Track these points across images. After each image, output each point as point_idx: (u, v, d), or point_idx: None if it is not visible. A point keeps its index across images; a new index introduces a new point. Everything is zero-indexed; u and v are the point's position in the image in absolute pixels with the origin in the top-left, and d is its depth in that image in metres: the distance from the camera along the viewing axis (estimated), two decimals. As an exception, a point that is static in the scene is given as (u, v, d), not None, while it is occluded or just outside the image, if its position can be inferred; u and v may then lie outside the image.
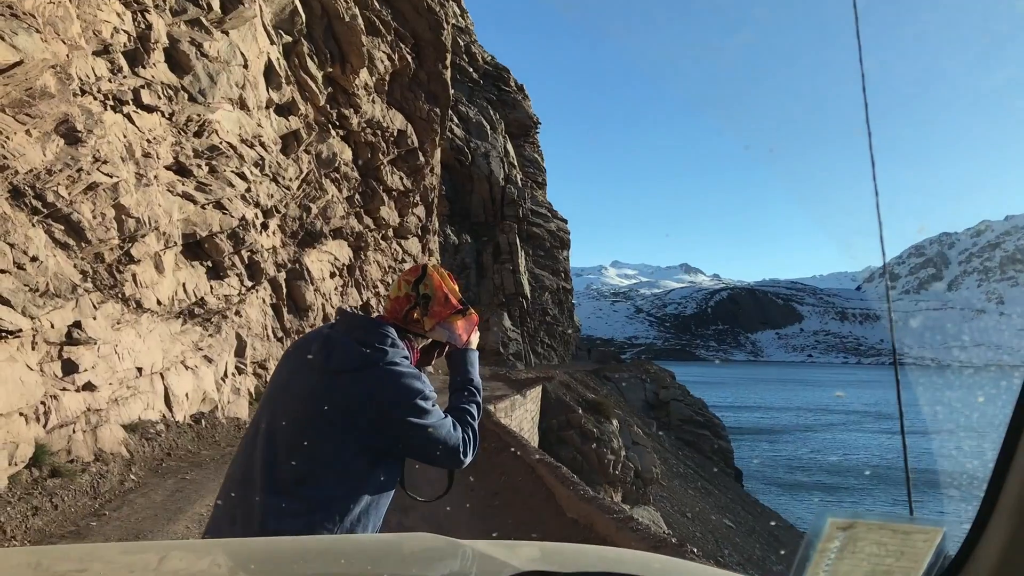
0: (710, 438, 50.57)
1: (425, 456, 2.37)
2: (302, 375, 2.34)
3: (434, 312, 2.50)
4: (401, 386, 2.29)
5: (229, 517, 2.26)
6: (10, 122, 8.04)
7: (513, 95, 65.04)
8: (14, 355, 8.10)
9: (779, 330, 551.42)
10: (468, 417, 2.54)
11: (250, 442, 2.35)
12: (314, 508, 2.18)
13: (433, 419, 2.32)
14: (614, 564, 1.58)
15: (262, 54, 15.52)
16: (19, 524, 7.29)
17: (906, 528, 0.99)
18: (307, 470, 2.21)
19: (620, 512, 7.90)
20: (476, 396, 2.65)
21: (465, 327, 2.62)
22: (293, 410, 2.28)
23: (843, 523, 0.99)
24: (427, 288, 2.50)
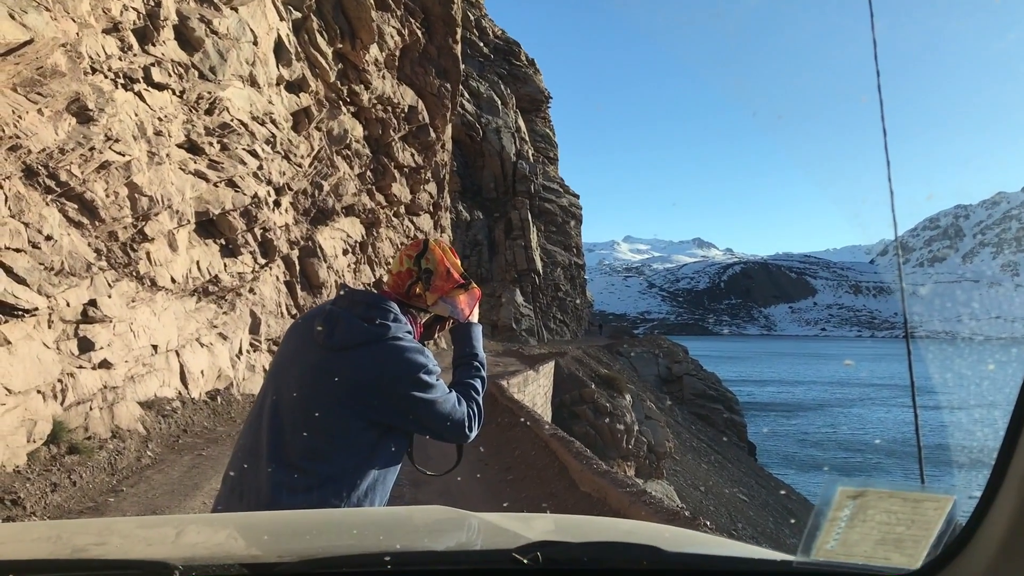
0: (723, 412, 50.58)
1: (430, 430, 2.38)
2: (306, 351, 2.35)
3: (436, 286, 2.50)
4: (404, 360, 2.30)
5: (237, 492, 2.28)
6: (22, 101, 8.05)
7: (524, 69, 64.62)
8: (31, 333, 8.17)
9: (792, 304, 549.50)
10: (472, 391, 2.54)
11: (256, 418, 2.36)
12: (321, 483, 2.20)
13: (437, 393, 2.33)
14: (626, 535, 1.59)
15: (272, 30, 15.46)
16: (38, 500, 7.38)
17: (916, 496, 0.98)
18: (313, 445, 2.23)
19: (633, 486, 7.92)
20: (480, 371, 2.64)
21: (467, 301, 2.61)
22: (298, 386, 2.29)
23: (853, 492, 0.98)
24: (429, 262, 2.50)
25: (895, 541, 1.00)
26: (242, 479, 2.29)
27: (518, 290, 50.22)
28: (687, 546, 1.53)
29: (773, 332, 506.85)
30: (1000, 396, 9.29)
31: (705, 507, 31.01)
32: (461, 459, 2.65)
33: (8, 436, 7.65)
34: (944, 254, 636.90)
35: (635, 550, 1.19)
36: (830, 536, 1.01)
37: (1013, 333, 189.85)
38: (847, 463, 54.20)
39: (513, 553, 1.13)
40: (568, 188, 65.83)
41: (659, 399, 44.90)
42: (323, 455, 2.22)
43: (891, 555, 1.01)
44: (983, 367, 8.00)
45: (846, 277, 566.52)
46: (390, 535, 1.59)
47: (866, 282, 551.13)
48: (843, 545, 1.01)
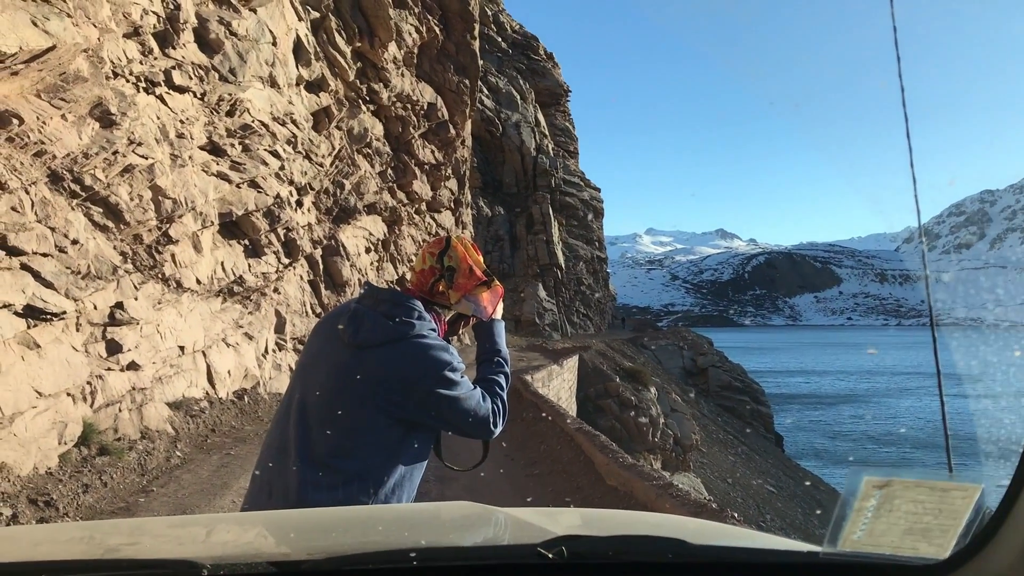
0: (749, 403, 50.33)
1: (455, 427, 2.38)
2: (331, 350, 2.36)
3: (459, 284, 2.50)
4: (429, 358, 2.30)
5: (266, 490, 2.30)
6: (46, 107, 8.14)
7: (543, 63, 64.52)
8: (59, 337, 8.26)
9: (817, 293, 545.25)
10: (496, 387, 2.54)
11: (283, 416, 2.38)
12: (349, 480, 2.21)
13: (462, 390, 2.33)
14: (652, 528, 1.59)
15: (290, 31, 15.53)
16: (71, 501, 7.46)
17: (944, 485, 0.97)
18: (340, 443, 2.24)
19: (660, 479, 7.89)
20: (504, 367, 2.64)
21: (490, 299, 2.61)
22: (324, 384, 2.31)
23: (879, 482, 0.97)
24: (452, 260, 2.50)
25: (923, 531, 0.99)
26: (270, 477, 2.30)
27: (540, 285, 50.20)
28: (712, 538, 1.52)
29: (798, 322, 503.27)
30: (1026, 382, 9.15)
31: (733, 499, 30.89)
32: (487, 455, 2.66)
33: (40, 438, 7.75)
34: (970, 240, 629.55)
35: (660, 543, 1.19)
36: (857, 526, 1.00)
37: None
38: (875, 455, 53.58)
39: (538, 548, 1.13)
40: (589, 181, 65.70)
41: (684, 391, 44.75)
42: (349, 452, 2.24)
43: (919, 545, 1.00)
44: (1009, 354, 7.87)
45: (871, 265, 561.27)
46: (416, 531, 1.60)
47: (892, 270, 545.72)
48: (870, 535, 1.00)
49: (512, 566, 1.18)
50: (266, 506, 2.27)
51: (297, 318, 16.33)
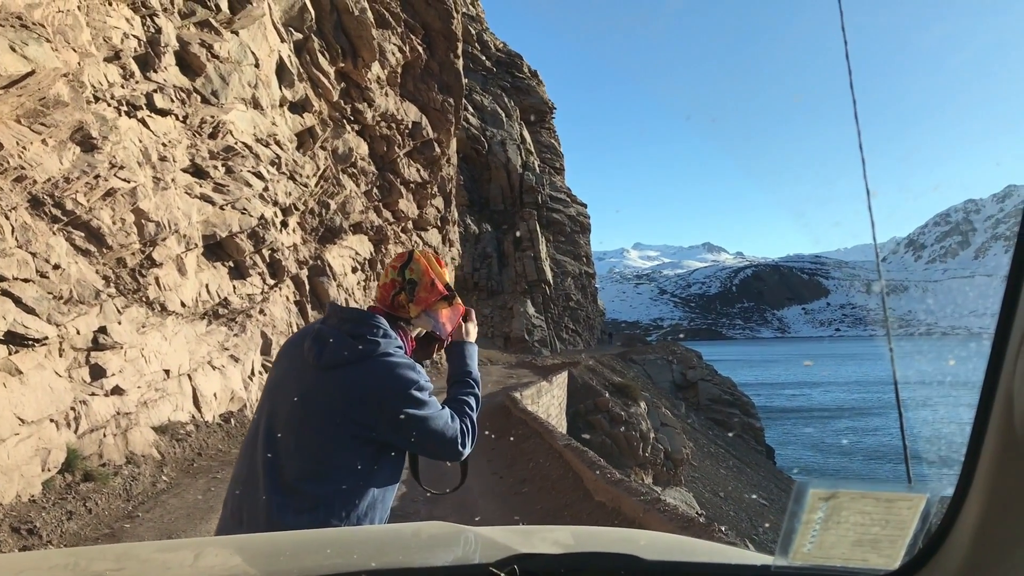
0: (740, 416, 50.40)
1: (423, 448, 2.35)
2: (297, 372, 2.33)
3: (420, 298, 2.46)
4: (396, 377, 2.27)
5: (237, 516, 2.27)
6: (26, 132, 8.11)
7: (527, 81, 64.84)
8: (42, 363, 8.21)
9: (805, 305, 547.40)
10: (466, 408, 2.50)
11: (251, 442, 2.35)
12: (318, 504, 2.19)
13: (430, 410, 2.30)
14: (616, 544, 1.59)
15: (273, 52, 15.55)
16: (54, 529, 7.40)
17: (889, 496, 0.98)
18: (309, 467, 2.21)
19: (647, 494, 7.89)
20: (474, 388, 2.60)
21: (450, 316, 2.57)
22: (290, 408, 2.28)
23: (824, 494, 0.98)
24: (413, 273, 2.47)
25: (872, 542, 0.99)
26: (240, 504, 2.27)
27: (529, 301, 50.23)
28: (669, 553, 1.52)
29: (787, 334, 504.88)
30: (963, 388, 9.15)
31: (725, 512, 30.87)
32: (466, 478, 2.65)
33: (23, 466, 7.68)
34: (956, 250, 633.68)
35: (613, 559, 1.19)
36: (806, 539, 1.00)
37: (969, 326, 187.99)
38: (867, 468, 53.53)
39: (491, 567, 1.13)
40: (576, 198, 65.93)
41: (674, 405, 44.79)
42: (319, 476, 2.21)
43: (869, 556, 1.00)
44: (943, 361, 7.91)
45: (858, 276, 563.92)
46: (373, 552, 1.59)
47: (878, 280, 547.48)
48: (820, 547, 1.01)
49: None
50: (237, 532, 2.23)
51: (283, 339, 16.26)
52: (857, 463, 56.40)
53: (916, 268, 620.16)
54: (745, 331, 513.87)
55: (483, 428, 14.28)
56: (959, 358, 1.65)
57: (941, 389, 14.21)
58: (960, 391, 6.31)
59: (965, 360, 1.47)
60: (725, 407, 50.65)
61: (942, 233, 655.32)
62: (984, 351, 0.89)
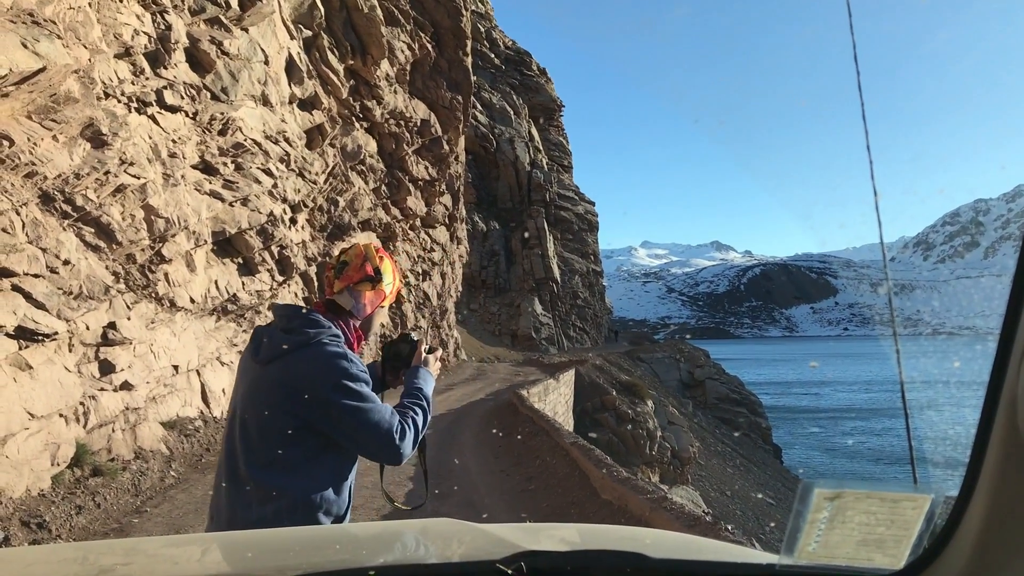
0: (747, 415, 50.32)
1: (357, 441, 2.36)
2: (247, 370, 2.44)
3: (346, 276, 2.53)
4: (325, 365, 2.31)
5: (214, 512, 2.40)
6: (37, 128, 8.15)
7: (536, 79, 64.79)
8: (52, 358, 8.25)
9: (814, 304, 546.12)
10: (410, 412, 2.51)
11: (224, 443, 2.45)
12: (272, 498, 2.24)
13: (363, 402, 2.31)
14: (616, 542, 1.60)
15: (282, 49, 15.58)
16: (64, 523, 7.44)
17: (894, 496, 0.98)
18: (259, 458, 2.28)
19: (654, 492, 7.89)
20: (422, 401, 2.62)
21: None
22: (242, 405, 2.37)
23: (830, 494, 0.98)
24: (347, 255, 2.57)
25: (877, 542, 1.00)
26: (215, 502, 2.40)
27: (536, 299, 50.22)
28: (674, 551, 1.53)
29: (795, 333, 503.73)
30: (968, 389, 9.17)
31: (732, 511, 30.83)
32: (427, 489, 2.79)
33: (32, 460, 7.73)
34: (965, 250, 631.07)
35: (619, 558, 1.20)
36: (811, 538, 1.01)
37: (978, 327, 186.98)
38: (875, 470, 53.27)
39: (497, 564, 1.14)
40: (584, 195, 65.84)
41: (681, 404, 44.73)
42: (270, 468, 2.27)
43: (874, 555, 1.01)
44: (948, 362, 7.86)
45: (867, 275, 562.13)
46: (380, 549, 1.61)
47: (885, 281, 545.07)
48: (825, 547, 1.01)
49: None
50: (211, 530, 2.37)
51: (292, 336, 16.29)
52: (864, 464, 56.03)
53: (924, 268, 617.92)
54: (753, 330, 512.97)
55: (489, 426, 14.28)
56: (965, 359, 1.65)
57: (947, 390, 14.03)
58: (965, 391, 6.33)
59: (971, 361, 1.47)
60: (732, 406, 50.57)
61: (951, 233, 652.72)
62: (989, 352, 0.89)
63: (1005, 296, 0.88)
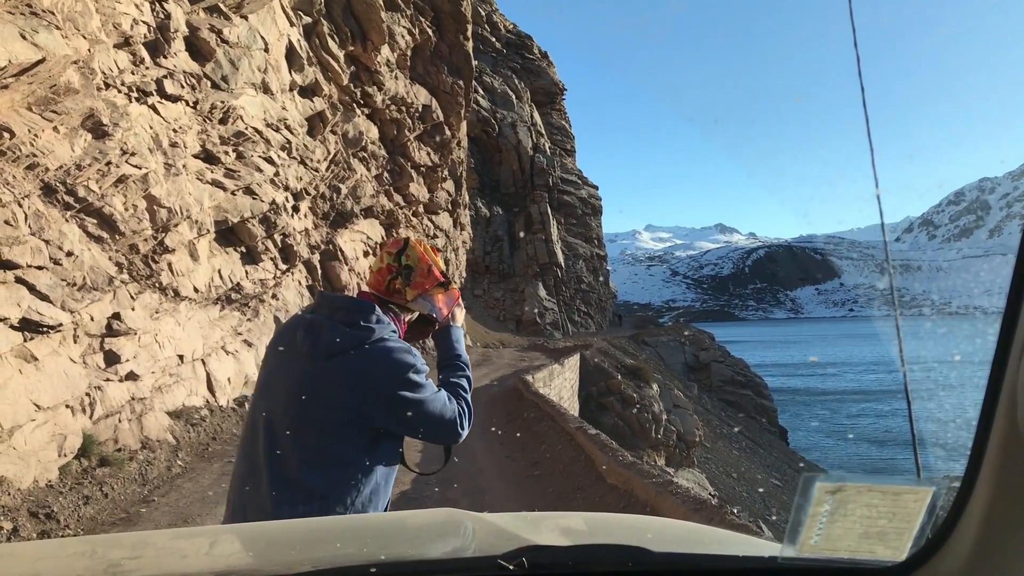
0: (753, 398, 50.37)
1: (422, 431, 2.35)
2: (290, 364, 2.31)
3: (416, 283, 2.47)
4: (392, 361, 2.27)
5: (240, 512, 2.27)
6: (37, 120, 8.14)
7: (537, 62, 64.55)
8: (57, 349, 8.27)
9: (818, 286, 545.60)
10: (460, 390, 2.51)
11: (251, 435, 2.34)
12: (323, 494, 2.19)
13: (427, 393, 2.30)
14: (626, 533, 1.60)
15: (282, 37, 15.53)
16: (71, 513, 7.47)
17: (895, 489, 0.98)
18: (309, 457, 2.21)
19: (660, 476, 7.90)
20: (466, 370, 2.62)
21: (446, 301, 2.59)
22: (287, 400, 2.26)
23: (831, 487, 0.98)
24: (409, 259, 2.47)
25: (879, 534, 0.99)
26: (244, 499, 2.27)
27: (540, 284, 50.22)
28: (676, 544, 1.53)
29: (800, 315, 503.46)
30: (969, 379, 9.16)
31: (738, 494, 30.93)
32: (449, 458, 2.67)
33: (39, 451, 7.76)
34: (971, 229, 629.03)
35: (621, 552, 1.20)
36: (813, 531, 1.01)
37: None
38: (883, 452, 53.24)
39: (499, 559, 1.14)
40: (587, 180, 65.75)
41: (687, 387, 44.77)
42: (320, 466, 2.21)
43: (876, 548, 1.00)
44: (948, 348, 7.76)
45: (872, 256, 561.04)
46: (382, 543, 1.60)
47: (892, 260, 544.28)
48: (827, 539, 1.01)
49: None
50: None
51: (296, 324, 16.31)
52: (870, 448, 55.89)
53: (929, 248, 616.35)
54: (758, 312, 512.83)
55: (495, 412, 14.30)
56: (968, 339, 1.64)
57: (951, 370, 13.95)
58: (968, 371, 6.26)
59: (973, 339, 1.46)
60: (738, 388, 50.63)
61: (956, 212, 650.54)
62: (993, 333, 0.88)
63: (1009, 277, 0.86)
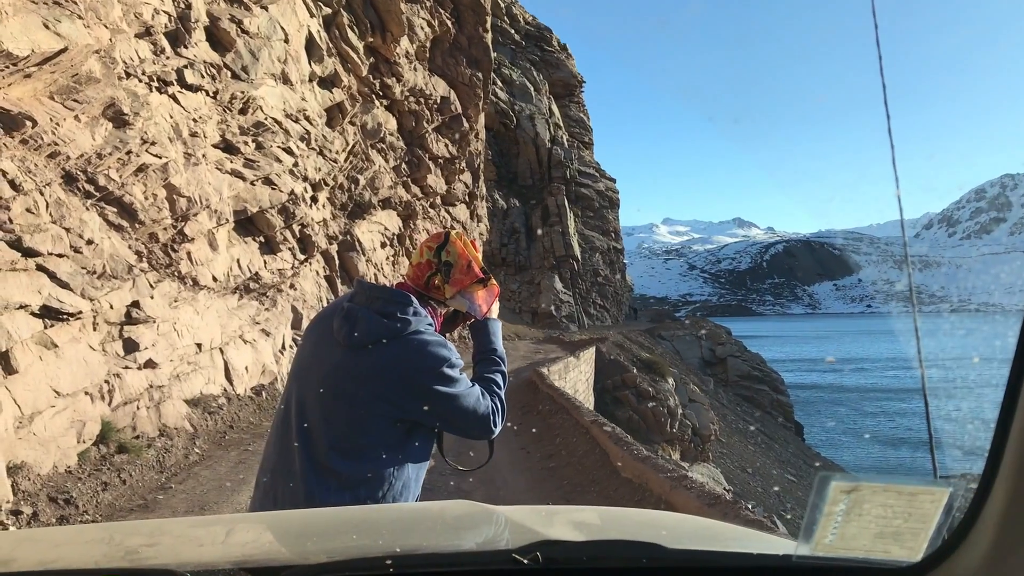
0: (769, 393, 50.16)
1: (454, 425, 2.35)
2: (327, 351, 2.32)
3: (455, 280, 2.45)
4: (427, 355, 2.26)
5: (271, 497, 2.27)
6: (59, 108, 8.20)
7: (556, 55, 64.34)
8: (76, 336, 8.34)
9: (837, 281, 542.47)
10: (494, 386, 2.49)
11: (283, 421, 2.34)
12: (355, 484, 2.19)
13: (461, 387, 2.30)
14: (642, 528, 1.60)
15: (302, 27, 15.56)
16: (90, 499, 7.55)
17: (911, 490, 0.97)
18: (343, 446, 2.21)
19: (674, 471, 7.89)
20: (501, 365, 2.60)
21: (485, 297, 2.56)
22: (322, 387, 2.27)
23: (847, 487, 0.97)
24: (449, 255, 2.45)
25: (894, 534, 0.99)
26: (275, 484, 2.27)
27: (557, 276, 50.13)
28: (690, 540, 1.52)
29: (818, 311, 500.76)
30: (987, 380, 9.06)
31: (753, 488, 30.84)
32: (493, 454, 2.64)
33: (59, 437, 7.83)
34: (991, 226, 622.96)
35: (636, 548, 1.20)
36: (828, 530, 1.00)
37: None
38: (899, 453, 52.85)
39: (513, 554, 1.14)
40: (604, 172, 65.52)
41: (703, 382, 44.66)
42: (352, 455, 2.21)
43: (891, 548, 1.00)
44: (968, 346, 7.65)
45: (891, 252, 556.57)
46: (399, 534, 1.61)
47: (911, 256, 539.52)
48: (842, 539, 1.00)
49: (486, 572, 1.19)
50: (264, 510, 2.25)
51: (314, 314, 16.32)
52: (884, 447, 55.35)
53: (949, 245, 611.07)
54: (775, 307, 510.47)
55: (510, 404, 14.35)
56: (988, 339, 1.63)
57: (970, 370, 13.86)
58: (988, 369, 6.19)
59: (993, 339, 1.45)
60: (754, 383, 50.42)
61: (977, 209, 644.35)
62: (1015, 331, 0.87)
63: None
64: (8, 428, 7.04)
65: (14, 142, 7.75)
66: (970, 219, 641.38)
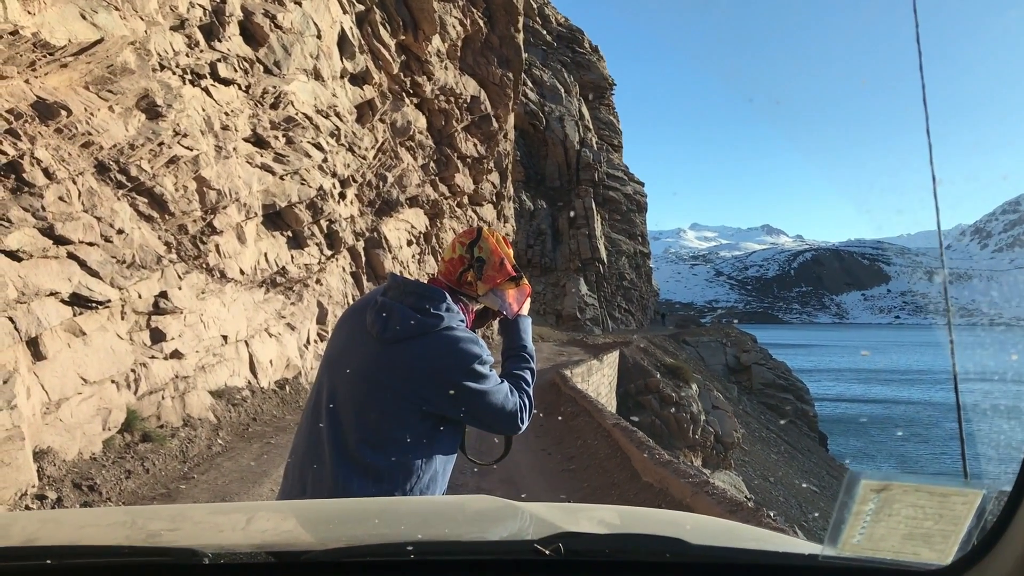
0: (793, 402, 49.73)
1: (482, 421, 2.35)
2: (359, 343, 2.33)
3: (488, 277, 2.44)
4: (459, 351, 2.27)
5: (299, 486, 2.29)
6: (93, 99, 8.29)
7: (587, 57, 64.26)
8: (104, 325, 8.43)
9: (865, 291, 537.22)
10: (523, 383, 2.49)
11: (313, 412, 2.36)
12: (383, 476, 2.20)
13: (491, 384, 2.30)
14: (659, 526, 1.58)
15: (335, 24, 15.64)
16: (113, 486, 7.62)
17: (943, 491, 0.95)
18: (372, 438, 2.22)
19: (696, 476, 7.83)
20: (530, 362, 2.59)
21: (517, 296, 2.55)
22: (353, 380, 2.28)
23: (877, 485, 0.95)
24: (482, 251, 2.44)
25: (924, 536, 0.96)
26: (304, 474, 2.29)
27: (582, 279, 50.04)
28: (715, 538, 1.50)
29: (845, 320, 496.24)
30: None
31: (775, 498, 30.58)
32: (509, 449, 2.64)
33: (84, 424, 7.91)
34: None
35: (659, 542, 1.18)
36: (856, 530, 0.98)
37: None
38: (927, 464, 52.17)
39: (535, 544, 1.13)
40: (633, 176, 65.29)
41: (727, 389, 44.36)
42: (382, 448, 2.22)
43: (920, 550, 0.97)
44: (1005, 354, 7.52)
45: (920, 264, 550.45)
46: (421, 524, 1.61)
47: (941, 270, 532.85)
48: (869, 539, 0.98)
49: (511, 562, 1.18)
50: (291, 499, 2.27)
51: (339, 309, 16.47)
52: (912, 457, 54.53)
53: (982, 257, 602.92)
54: (802, 316, 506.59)
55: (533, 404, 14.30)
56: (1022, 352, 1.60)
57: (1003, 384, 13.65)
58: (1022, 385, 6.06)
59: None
60: (779, 392, 50.01)
61: (1010, 221, 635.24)
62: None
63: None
64: (35, 413, 7.12)
65: (49, 131, 7.84)
66: (1003, 231, 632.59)
